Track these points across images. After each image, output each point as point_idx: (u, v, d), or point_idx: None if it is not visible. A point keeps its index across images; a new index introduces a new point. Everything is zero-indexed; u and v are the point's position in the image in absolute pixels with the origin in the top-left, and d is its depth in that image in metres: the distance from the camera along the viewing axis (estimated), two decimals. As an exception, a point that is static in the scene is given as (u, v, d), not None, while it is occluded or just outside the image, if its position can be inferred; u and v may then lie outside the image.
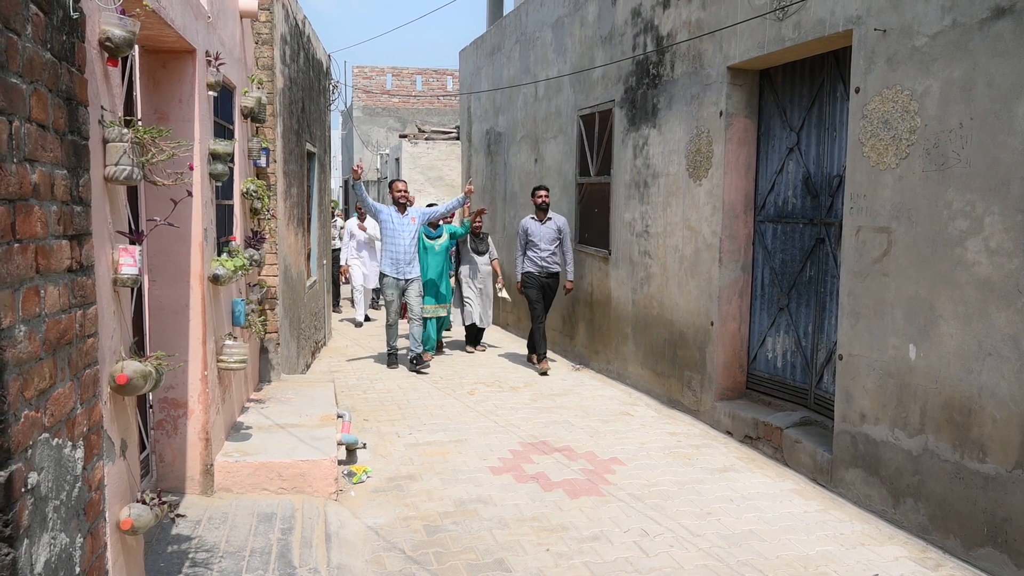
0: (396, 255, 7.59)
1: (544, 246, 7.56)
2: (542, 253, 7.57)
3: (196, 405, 3.82)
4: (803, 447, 4.73)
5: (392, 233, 7.59)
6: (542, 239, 7.56)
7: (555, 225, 7.60)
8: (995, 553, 3.46)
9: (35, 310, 1.88)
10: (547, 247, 7.58)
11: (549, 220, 7.59)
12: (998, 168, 3.43)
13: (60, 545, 2.00)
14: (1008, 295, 3.40)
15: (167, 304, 3.71)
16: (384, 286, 7.64)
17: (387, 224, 7.59)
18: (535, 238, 7.58)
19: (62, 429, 2.03)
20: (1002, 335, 3.43)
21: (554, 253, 7.61)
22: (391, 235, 7.58)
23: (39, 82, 1.90)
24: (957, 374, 3.64)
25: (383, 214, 7.61)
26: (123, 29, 2.37)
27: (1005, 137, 3.40)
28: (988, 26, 3.46)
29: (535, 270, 7.59)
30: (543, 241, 7.57)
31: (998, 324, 3.44)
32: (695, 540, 3.81)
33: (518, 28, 9.92)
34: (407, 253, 7.59)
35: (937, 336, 3.75)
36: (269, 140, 5.64)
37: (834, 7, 4.37)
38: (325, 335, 9.10)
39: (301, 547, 3.44)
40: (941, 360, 3.73)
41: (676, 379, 6.22)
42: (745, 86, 5.51)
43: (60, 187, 2.04)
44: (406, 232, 7.58)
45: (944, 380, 3.71)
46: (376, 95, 23.47)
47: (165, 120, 3.61)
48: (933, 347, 3.77)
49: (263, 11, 5.53)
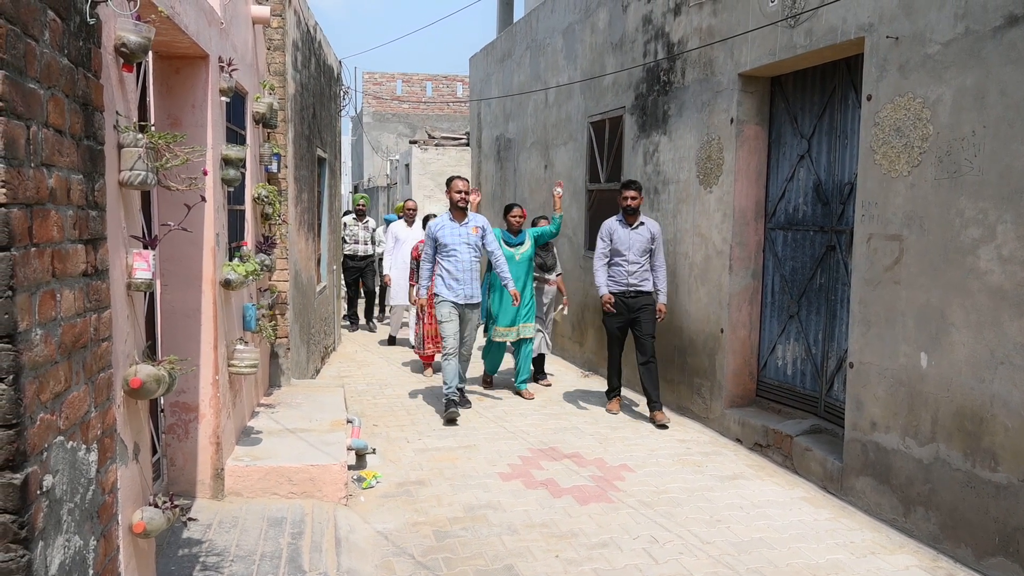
0: (451, 273, 6.06)
1: (633, 258, 5.94)
2: (630, 267, 5.95)
3: (207, 409, 3.83)
4: (813, 455, 4.70)
5: (445, 247, 6.08)
6: (631, 248, 5.94)
7: (648, 232, 6.00)
8: (1007, 563, 3.43)
9: (51, 314, 1.90)
10: (636, 259, 5.94)
11: (641, 225, 5.99)
12: (1011, 176, 3.41)
13: (74, 547, 2.01)
14: (1021, 304, 3.37)
15: (179, 308, 3.73)
16: (439, 311, 6.16)
17: (441, 235, 6.11)
18: (621, 246, 5.97)
19: (77, 432, 2.04)
20: (1014, 344, 3.40)
21: (645, 267, 6.00)
22: (445, 248, 6.08)
23: (56, 87, 1.92)
24: (969, 383, 3.61)
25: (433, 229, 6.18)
26: (138, 35, 2.39)
27: (1018, 145, 3.38)
28: (1001, 34, 3.45)
29: (618, 289, 6.00)
30: (632, 252, 5.94)
31: (1010, 333, 3.42)
32: (705, 547, 3.79)
33: (528, 35, 9.95)
34: (466, 271, 6.06)
35: (949, 344, 3.72)
36: (280, 145, 5.67)
37: (846, 14, 4.36)
38: (335, 340, 9.12)
39: (311, 552, 3.45)
40: (953, 368, 3.70)
41: (686, 386, 6.20)
42: (756, 93, 5.50)
43: (76, 192, 2.06)
44: (465, 244, 6.07)
45: (955, 388, 3.69)
46: (386, 101, 23.59)
47: (178, 125, 3.64)
48: (944, 355, 3.75)
49: (275, 17, 5.57)
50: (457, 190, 6.12)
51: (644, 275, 6.00)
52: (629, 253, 5.95)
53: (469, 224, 6.12)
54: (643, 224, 6.02)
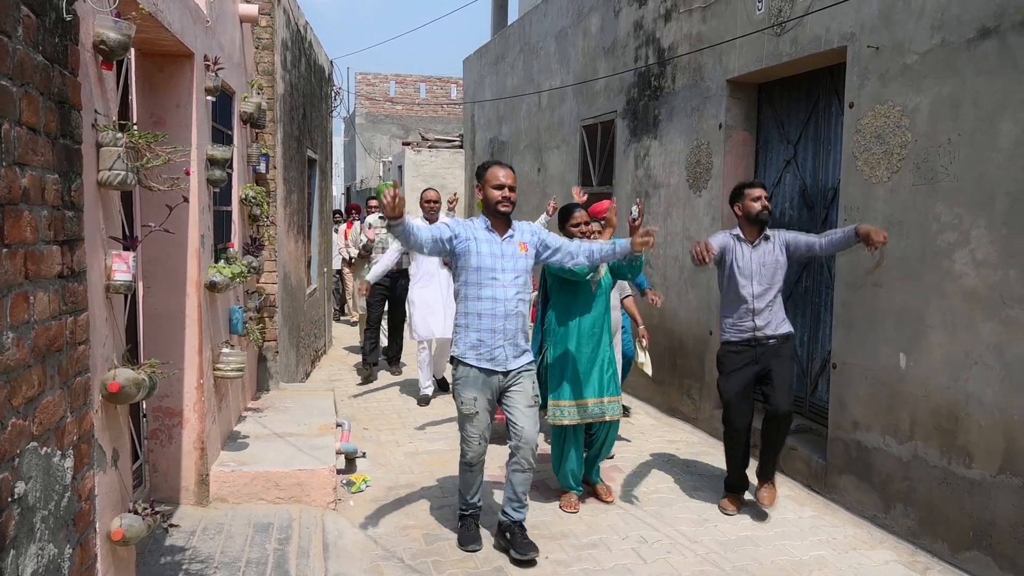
0: (482, 318, 3.57)
1: (758, 288, 4.04)
2: (754, 303, 4.04)
3: (191, 414, 3.78)
4: (798, 454, 4.74)
5: (478, 273, 3.56)
6: (754, 274, 4.05)
7: (777, 247, 4.07)
8: (981, 556, 3.50)
9: (24, 316, 1.85)
10: (762, 289, 4.05)
11: (766, 240, 4.08)
12: (984, 183, 3.49)
13: (48, 556, 1.97)
14: (993, 306, 3.44)
15: (163, 311, 3.68)
16: (457, 392, 3.67)
17: (472, 248, 3.57)
18: (739, 274, 4.08)
19: (51, 438, 2.00)
20: (987, 344, 3.47)
21: (775, 298, 4.08)
22: (475, 271, 3.56)
23: (30, 85, 1.88)
24: (945, 382, 3.68)
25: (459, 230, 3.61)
26: (118, 32, 2.35)
27: (990, 153, 3.46)
28: (974, 46, 3.52)
29: (739, 337, 4.09)
30: (756, 279, 4.05)
31: (983, 334, 3.49)
32: (692, 546, 3.82)
33: (522, 38, 9.94)
34: (509, 315, 3.57)
35: (926, 345, 3.79)
36: (269, 146, 5.62)
37: (829, 24, 4.41)
38: (325, 343, 9.07)
39: (298, 557, 3.40)
40: (930, 369, 3.77)
41: (675, 387, 6.18)
42: (744, 99, 5.52)
43: (51, 192, 2.02)
44: (511, 271, 3.59)
45: (932, 388, 3.75)
46: (379, 102, 23.55)
47: (162, 125, 3.59)
48: (922, 356, 3.81)
49: (264, 16, 5.52)
50: (497, 183, 3.60)
51: (776, 311, 4.08)
52: (754, 282, 4.04)
53: (514, 239, 3.63)
54: (769, 239, 4.08)
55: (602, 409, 4.16)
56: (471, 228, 3.62)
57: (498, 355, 3.57)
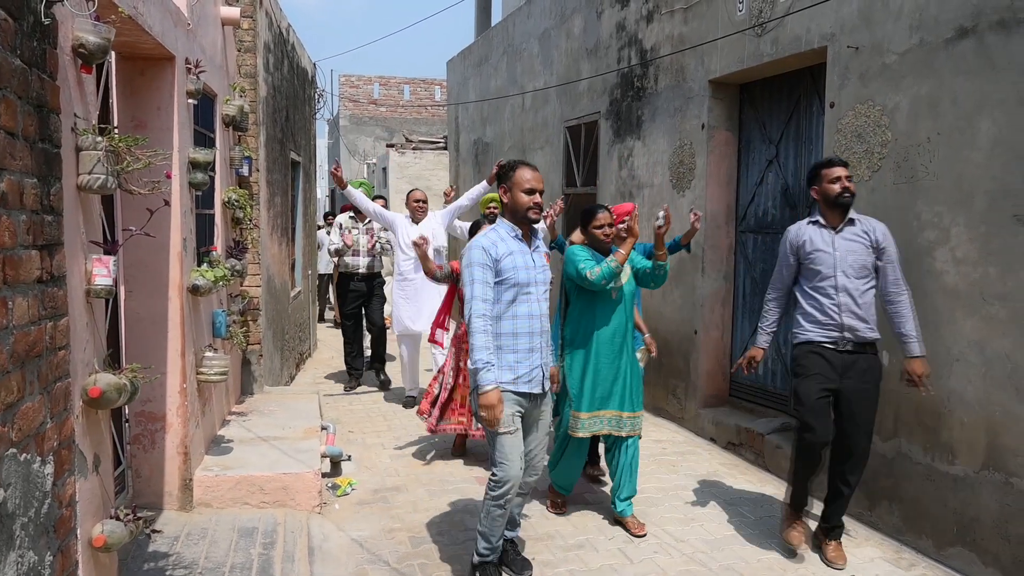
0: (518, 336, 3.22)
1: (844, 282, 3.51)
2: (839, 297, 3.52)
3: (174, 418, 3.76)
4: (784, 452, 4.75)
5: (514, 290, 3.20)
6: (838, 263, 3.53)
7: (869, 238, 3.55)
8: (965, 552, 3.54)
9: (2, 322, 1.84)
10: (855, 284, 3.52)
11: (851, 225, 3.58)
12: (962, 181, 3.53)
13: (28, 563, 1.95)
14: (973, 303, 3.49)
15: (145, 315, 3.65)
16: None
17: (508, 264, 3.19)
18: (822, 264, 3.57)
19: (31, 444, 1.98)
20: (968, 341, 3.51)
21: (868, 297, 3.54)
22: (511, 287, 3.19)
23: (7, 89, 1.86)
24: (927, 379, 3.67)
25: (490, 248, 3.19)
26: (97, 35, 2.33)
27: (969, 152, 3.50)
28: (952, 46, 3.57)
29: (822, 336, 3.56)
30: (841, 268, 3.53)
31: (964, 331, 3.53)
32: (679, 546, 3.83)
33: (505, 39, 9.95)
34: (545, 331, 3.32)
35: (909, 343, 3.80)
36: (252, 149, 5.59)
37: (810, 24, 4.45)
38: (310, 346, 9.03)
39: (283, 562, 3.39)
40: (912, 365, 3.77)
41: (661, 387, 6.21)
42: (726, 100, 5.56)
43: (30, 196, 2.00)
44: (542, 282, 3.30)
45: (915, 385, 3.76)
46: (363, 104, 23.47)
47: (143, 128, 3.57)
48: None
49: (246, 19, 5.50)
50: (528, 188, 3.21)
51: (868, 311, 3.54)
52: (839, 274, 3.52)
53: (539, 248, 3.37)
54: (854, 224, 3.58)
55: (620, 424, 3.99)
56: (503, 243, 3.20)
57: (536, 375, 3.26)
